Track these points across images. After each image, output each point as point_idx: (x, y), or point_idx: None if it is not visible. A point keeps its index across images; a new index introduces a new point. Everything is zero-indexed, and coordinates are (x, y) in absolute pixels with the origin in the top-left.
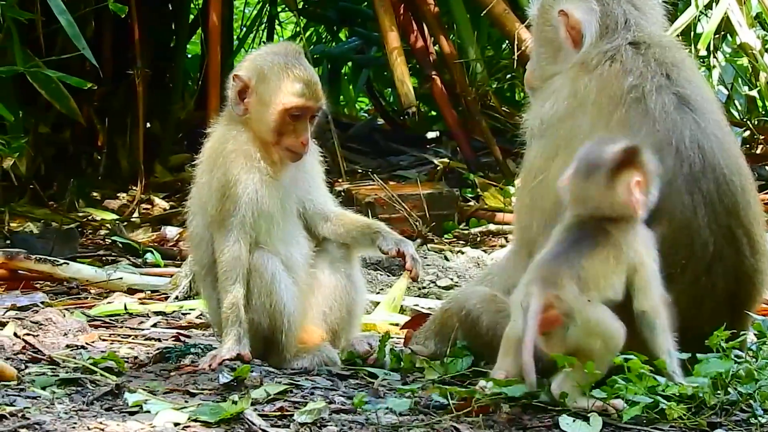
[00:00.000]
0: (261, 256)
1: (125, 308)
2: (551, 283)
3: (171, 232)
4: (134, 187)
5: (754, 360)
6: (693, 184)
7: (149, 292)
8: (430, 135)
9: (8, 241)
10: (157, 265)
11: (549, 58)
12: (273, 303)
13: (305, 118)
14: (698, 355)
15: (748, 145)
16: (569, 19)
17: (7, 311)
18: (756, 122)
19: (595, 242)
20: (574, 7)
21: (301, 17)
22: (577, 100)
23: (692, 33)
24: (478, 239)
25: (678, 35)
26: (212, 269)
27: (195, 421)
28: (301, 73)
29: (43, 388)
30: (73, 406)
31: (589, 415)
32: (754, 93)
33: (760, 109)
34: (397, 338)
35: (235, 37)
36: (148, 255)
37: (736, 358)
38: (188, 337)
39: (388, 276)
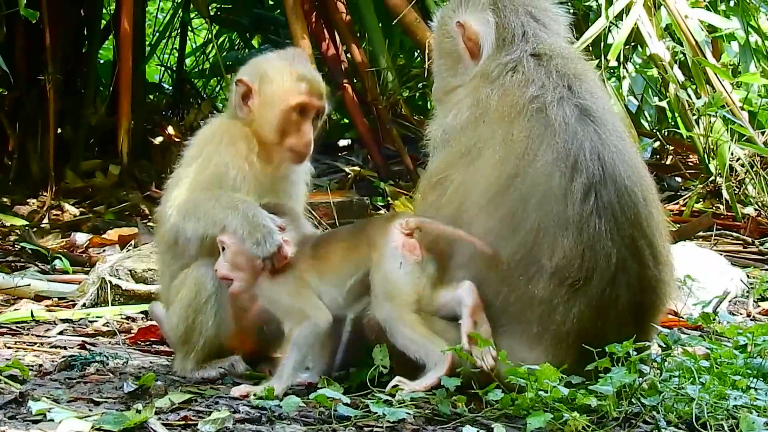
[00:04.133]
0: (207, 271)
1: (32, 315)
2: None
3: (80, 238)
4: (44, 193)
5: (658, 372)
6: (594, 195)
7: (57, 299)
8: (342, 143)
9: None
10: (66, 272)
11: (450, 70)
12: (197, 320)
13: (309, 116)
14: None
15: (658, 156)
16: (466, 31)
17: None
18: (666, 133)
19: None
20: (471, 18)
21: (214, 24)
22: (479, 108)
23: (602, 43)
24: None
25: (588, 45)
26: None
27: (98, 430)
28: (304, 71)
29: None
30: None
31: (492, 426)
32: (663, 104)
33: (670, 120)
34: None
35: (147, 43)
36: (57, 261)
37: (640, 370)
38: (94, 345)
39: None
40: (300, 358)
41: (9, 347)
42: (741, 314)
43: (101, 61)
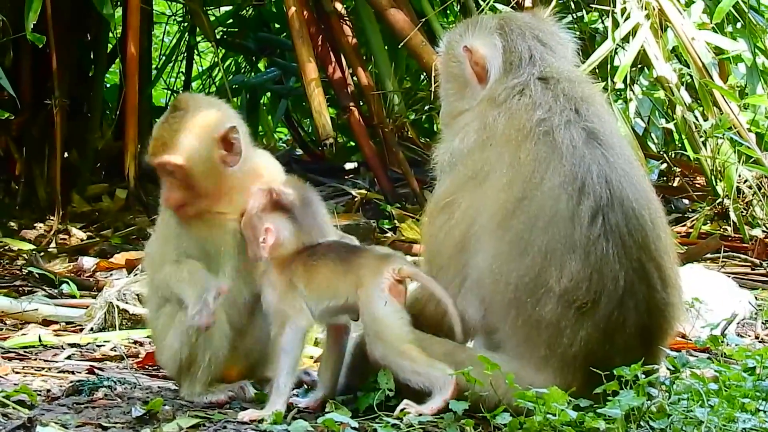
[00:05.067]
0: None
1: (39, 340)
2: None
3: (87, 262)
4: (51, 217)
5: (666, 395)
6: (601, 218)
7: (64, 323)
8: (348, 166)
9: None
10: (73, 296)
11: (457, 95)
12: (200, 338)
13: (162, 174)
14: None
15: (665, 178)
16: (473, 55)
17: None
18: (673, 155)
19: None
20: (478, 43)
21: (220, 47)
22: (485, 132)
23: (609, 66)
24: None
25: (595, 68)
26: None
27: None
28: (158, 127)
29: None
30: None
31: None
32: (670, 126)
33: (677, 142)
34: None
35: (153, 66)
36: (64, 286)
37: (648, 393)
38: (102, 370)
39: None
40: (291, 362)
41: (17, 372)
42: (749, 336)
43: (108, 85)
